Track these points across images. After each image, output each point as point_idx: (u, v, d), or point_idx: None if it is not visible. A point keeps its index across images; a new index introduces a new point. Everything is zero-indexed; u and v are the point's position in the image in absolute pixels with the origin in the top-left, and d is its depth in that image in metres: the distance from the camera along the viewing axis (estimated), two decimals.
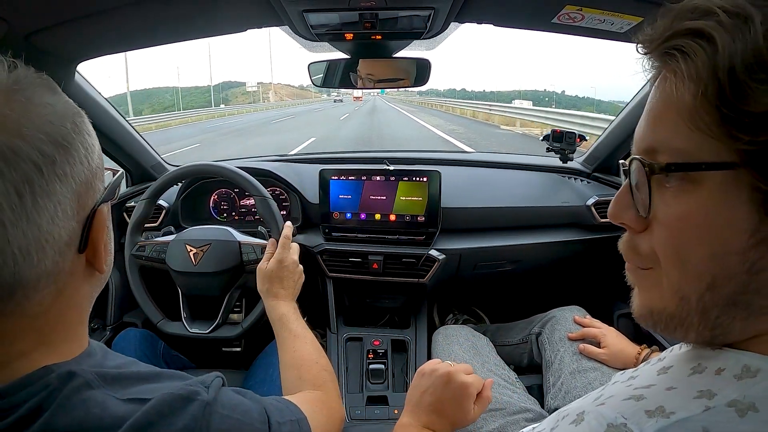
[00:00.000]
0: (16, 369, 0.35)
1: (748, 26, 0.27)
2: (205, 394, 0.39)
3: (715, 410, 0.27)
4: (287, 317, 0.79)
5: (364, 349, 1.20)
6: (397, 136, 12.49)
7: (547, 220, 1.29)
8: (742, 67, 0.27)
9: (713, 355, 0.31)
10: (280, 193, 1.35)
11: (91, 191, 0.38)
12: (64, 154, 0.34)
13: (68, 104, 0.37)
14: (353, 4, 0.80)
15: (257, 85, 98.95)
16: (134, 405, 0.36)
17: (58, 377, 0.35)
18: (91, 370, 0.37)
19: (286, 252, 0.87)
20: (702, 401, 0.28)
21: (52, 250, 0.34)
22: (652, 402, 0.29)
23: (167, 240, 1.03)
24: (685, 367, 0.32)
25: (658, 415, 0.28)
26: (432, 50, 1.16)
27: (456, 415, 0.63)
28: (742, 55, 0.27)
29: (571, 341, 0.97)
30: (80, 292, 0.39)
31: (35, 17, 0.73)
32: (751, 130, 0.27)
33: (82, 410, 0.34)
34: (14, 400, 0.33)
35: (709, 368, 0.30)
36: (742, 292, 0.29)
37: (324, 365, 0.72)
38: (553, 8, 0.80)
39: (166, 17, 0.85)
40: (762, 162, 0.27)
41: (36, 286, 0.34)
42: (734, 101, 0.27)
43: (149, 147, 1.38)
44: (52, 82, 0.37)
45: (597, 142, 1.38)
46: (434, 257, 1.19)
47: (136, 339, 1.06)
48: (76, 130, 0.36)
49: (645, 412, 0.29)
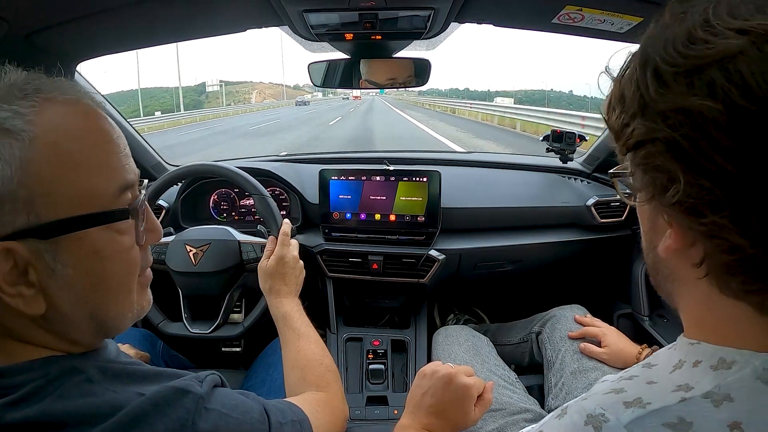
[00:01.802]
0: (13, 355, 0.36)
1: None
2: (199, 388, 0.40)
3: (692, 401, 0.30)
4: (291, 315, 0.78)
5: (364, 349, 1.20)
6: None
7: (547, 221, 1.29)
8: (616, 100, 0.35)
9: (692, 349, 0.34)
10: (280, 193, 1.35)
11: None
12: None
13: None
14: (353, 4, 0.80)
15: (234, 84, 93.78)
16: (131, 397, 0.37)
17: (59, 369, 0.35)
18: (95, 365, 0.38)
19: (286, 248, 0.87)
20: (679, 393, 0.30)
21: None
22: (630, 394, 0.32)
23: (166, 241, 1.03)
24: (668, 365, 0.34)
25: (635, 405, 0.31)
26: (432, 50, 1.16)
27: (457, 417, 0.63)
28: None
29: (571, 340, 0.97)
30: (21, 321, 0.36)
31: (35, 17, 0.73)
32: (620, 153, 0.36)
33: (81, 400, 0.35)
34: (13, 381, 0.34)
35: (687, 362, 0.33)
36: (654, 261, 0.37)
37: (328, 365, 0.71)
38: (553, 8, 0.80)
39: (166, 17, 0.85)
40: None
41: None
42: (613, 128, 0.36)
43: (149, 147, 1.39)
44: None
45: (597, 142, 1.38)
46: (434, 257, 1.19)
47: (135, 339, 1.05)
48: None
49: (623, 403, 0.31)
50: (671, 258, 0.34)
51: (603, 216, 1.24)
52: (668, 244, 0.33)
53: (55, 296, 0.36)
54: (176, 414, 0.37)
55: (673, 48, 0.29)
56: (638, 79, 0.31)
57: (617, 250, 1.29)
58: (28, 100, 0.35)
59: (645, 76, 0.31)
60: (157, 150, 1.42)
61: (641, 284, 1.20)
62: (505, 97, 51.06)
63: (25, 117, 0.34)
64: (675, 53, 0.29)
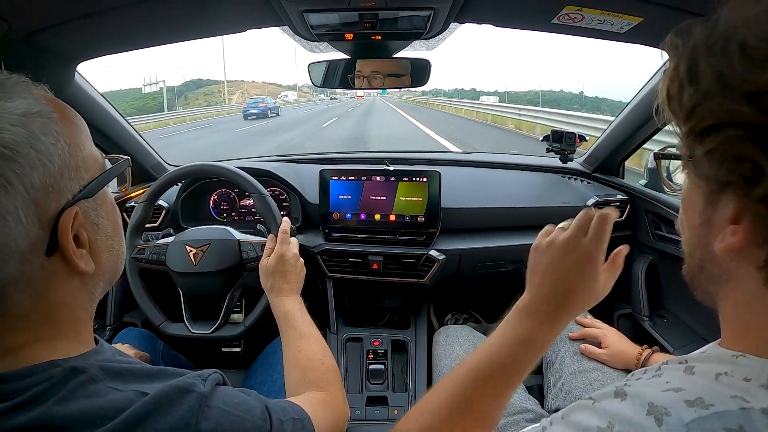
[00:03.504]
0: (11, 362, 0.36)
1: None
2: (202, 387, 0.40)
3: (751, 412, 0.28)
4: (292, 314, 0.78)
5: (364, 349, 1.20)
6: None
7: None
8: (684, 76, 0.31)
9: (735, 362, 0.32)
10: (280, 193, 1.35)
11: (53, 194, 0.37)
12: (7, 164, 0.33)
13: (24, 105, 0.36)
14: (353, 4, 0.80)
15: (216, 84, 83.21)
16: (135, 396, 0.37)
17: (62, 371, 0.36)
18: (96, 364, 0.38)
19: (286, 246, 0.87)
20: (738, 401, 0.29)
21: (11, 258, 0.34)
22: (690, 393, 0.30)
23: (166, 242, 1.03)
24: (711, 371, 0.32)
25: (697, 405, 0.29)
26: (432, 50, 1.16)
27: (585, 288, 0.50)
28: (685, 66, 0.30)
29: (571, 341, 0.97)
30: (66, 291, 0.39)
31: (35, 17, 0.73)
32: (684, 136, 0.32)
33: (85, 401, 0.35)
34: (16, 387, 0.34)
35: (736, 376, 0.31)
36: (703, 259, 0.35)
37: (329, 365, 0.71)
38: (553, 8, 0.80)
39: (166, 17, 0.85)
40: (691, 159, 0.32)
41: (6, 291, 0.35)
42: (678, 108, 0.31)
43: (149, 147, 1.39)
44: (5, 82, 0.37)
45: (597, 142, 1.38)
46: (434, 257, 1.19)
47: (135, 339, 1.05)
48: (28, 134, 0.35)
49: (684, 401, 0.30)
50: (728, 257, 0.31)
51: None
52: (731, 243, 0.30)
53: (98, 250, 0.42)
54: (179, 413, 0.37)
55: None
56: (719, 53, 0.28)
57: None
58: (29, 88, 0.39)
59: (728, 50, 0.27)
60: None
61: (641, 284, 1.20)
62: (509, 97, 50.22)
63: (40, 102, 0.38)
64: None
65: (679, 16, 0.31)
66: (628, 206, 1.26)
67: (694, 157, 0.31)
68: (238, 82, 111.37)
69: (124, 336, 1.07)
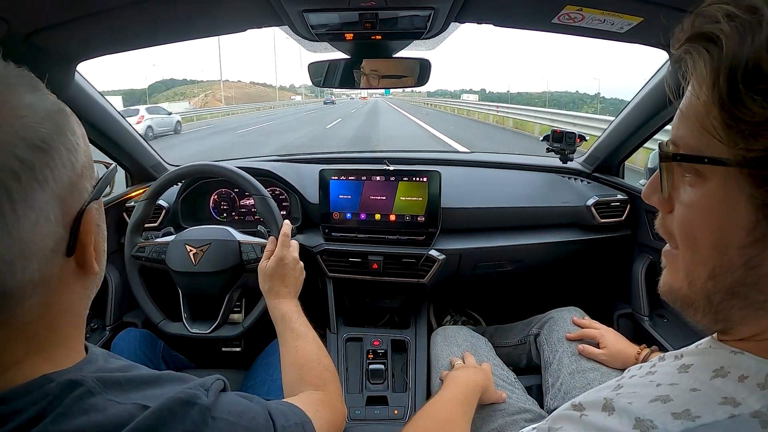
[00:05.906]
0: (11, 377, 0.34)
1: (757, 32, 0.27)
2: (205, 399, 0.39)
3: (740, 419, 0.28)
4: (289, 316, 0.78)
5: (363, 349, 1.20)
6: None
7: (547, 221, 1.29)
8: (741, 76, 0.27)
9: (734, 359, 0.32)
10: (280, 193, 1.35)
11: (76, 193, 0.36)
12: (43, 158, 0.32)
13: (49, 101, 0.35)
14: (353, 4, 0.80)
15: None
16: (135, 410, 0.36)
17: (58, 386, 0.34)
18: (92, 375, 0.36)
19: (286, 249, 0.87)
20: (727, 408, 0.29)
21: (36, 259, 0.33)
22: (678, 404, 0.30)
23: (166, 241, 1.03)
24: (707, 368, 0.32)
25: (684, 417, 0.29)
26: (432, 50, 1.16)
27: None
28: (744, 63, 0.27)
29: (569, 342, 0.97)
30: (72, 296, 0.38)
31: (35, 17, 0.73)
32: (746, 137, 0.27)
33: (84, 417, 0.34)
34: (15, 407, 0.33)
35: (732, 373, 0.31)
36: (741, 284, 0.30)
37: (326, 365, 0.71)
38: (553, 8, 0.80)
39: (166, 17, 0.85)
40: (757, 169, 0.27)
41: (22, 295, 0.33)
42: (732, 108, 0.27)
43: (149, 147, 1.39)
44: (32, 78, 0.36)
45: (597, 142, 1.38)
46: (434, 257, 1.19)
47: (135, 339, 1.05)
48: (58, 130, 0.34)
49: (671, 414, 0.30)
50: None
51: (603, 216, 1.24)
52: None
53: (99, 251, 0.41)
54: (182, 427, 0.36)
55: None
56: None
57: (617, 250, 1.29)
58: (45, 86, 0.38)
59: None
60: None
61: (641, 284, 1.20)
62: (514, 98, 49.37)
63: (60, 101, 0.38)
64: None
65: (679, 16, 0.30)
66: (628, 206, 1.26)
67: (750, 162, 0.27)
68: (212, 82, 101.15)
69: (124, 336, 1.07)
